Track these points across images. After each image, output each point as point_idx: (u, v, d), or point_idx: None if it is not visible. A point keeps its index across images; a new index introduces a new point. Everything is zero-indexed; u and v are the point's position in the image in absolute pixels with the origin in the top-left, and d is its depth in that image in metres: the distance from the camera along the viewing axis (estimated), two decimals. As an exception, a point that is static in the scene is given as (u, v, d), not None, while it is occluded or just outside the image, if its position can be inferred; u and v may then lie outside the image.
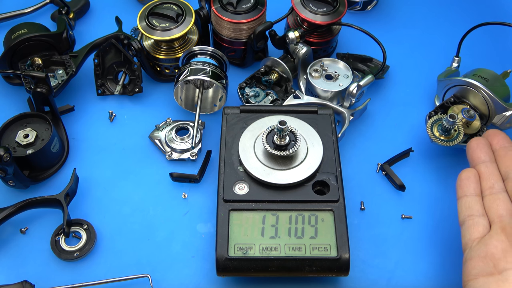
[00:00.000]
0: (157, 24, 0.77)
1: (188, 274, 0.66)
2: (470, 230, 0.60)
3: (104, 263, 0.67)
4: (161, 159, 0.76)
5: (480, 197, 0.63)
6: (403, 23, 0.92)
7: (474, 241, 0.59)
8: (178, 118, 0.79)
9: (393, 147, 0.76)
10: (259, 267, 0.60)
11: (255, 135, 0.69)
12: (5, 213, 0.67)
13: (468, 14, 0.93)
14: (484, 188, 0.63)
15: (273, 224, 0.62)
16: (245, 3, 0.79)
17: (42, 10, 0.91)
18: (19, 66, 0.78)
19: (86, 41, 0.81)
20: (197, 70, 0.74)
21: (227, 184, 0.65)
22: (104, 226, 0.70)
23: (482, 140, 0.66)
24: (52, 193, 0.69)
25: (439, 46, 0.89)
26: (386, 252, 0.68)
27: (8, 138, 0.71)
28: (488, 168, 0.64)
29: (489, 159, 0.65)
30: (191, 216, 0.71)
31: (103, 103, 0.81)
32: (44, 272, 0.66)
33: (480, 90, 0.73)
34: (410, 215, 0.71)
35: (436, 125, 0.72)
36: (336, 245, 0.61)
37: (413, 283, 0.66)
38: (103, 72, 0.80)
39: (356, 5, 0.92)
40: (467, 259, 0.58)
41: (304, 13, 0.79)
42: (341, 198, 0.64)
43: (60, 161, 0.74)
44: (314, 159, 0.66)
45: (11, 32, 0.79)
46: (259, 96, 0.78)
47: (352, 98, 0.75)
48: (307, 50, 0.78)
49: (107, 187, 0.73)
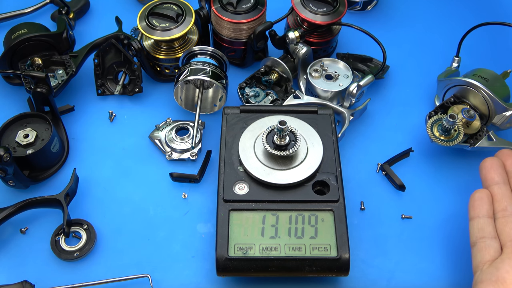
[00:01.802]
0: (157, 24, 0.77)
1: (188, 274, 0.66)
2: (481, 252, 0.60)
3: (104, 263, 0.67)
4: (161, 159, 0.76)
5: (492, 219, 0.62)
6: (403, 23, 0.92)
7: (485, 264, 0.59)
8: (178, 118, 0.79)
9: (393, 147, 0.76)
10: (259, 267, 0.60)
11: (255, 135, 0.69)
12: (5, 213, 0.67)
13: (468, 14, 0.93)
14: (497, 210, 0.62)
15: (273, 224, 0.62)
16: (245, 3, 0.79)
17: (42, 10, 0.91)
18: (19, 66, 0.78)
19: (86, 41, 0.81)
20: (197, 70, 0.74)
21: (227, 184, 0.65)
22: (104, 226, 0.70)
23: (496, 160, 0.65)
24: (52, 193, 0.69)
25: (439, 46, 0.89)
26: (386, 252, 0.68)
27: (8, 138, 0.71)
28: (501, 190, 0.63)
29: (502, 180, 0.64)
30: (191, 216, 0.71)
31: (103, 103, 0.81)
32: (44, 272, 0.66)
33: (480, 90, 0.73)
34: (410, 215, 0.71)
35: (436, 125, 0.72)
36: (336, 245, 0.61)
37: (413, 283, 0.66)
38: (103, 72, 0.80)
39: (356, 5, 0.92)
40: (477, 281, 0.58)
41: (304, 13, 0.79)
42: (341, 198, 0.64)
43: (60, 161, 0.74)
44: (314, 159, 0.66)
45: (11, 32, 0.79)
46: (259, 96, 0.78)
47: (352, 98, 0.75)
48: (307, 50, 0.78)
49: (107, 187, 0.73)
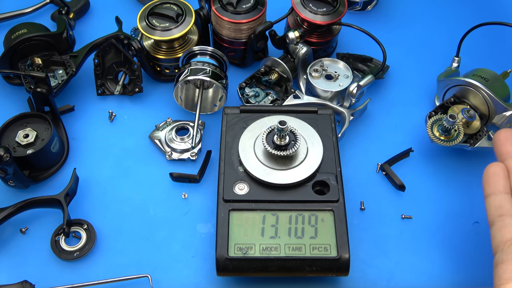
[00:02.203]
0: (157, 24, 0.77)
1: (188, 274, 0.66)
2: (501, 231, 0.56)
3: (104, 263, 0.67)
4: (161, 159, 0.76)
5: (510, 195, 0.58)
6: (403, 23, 0.92)
7: (505, 243, 0.56)
8: (178, 118, 0.79)
9: (393, 147, 0.76)
10: (259, 267, 0.60)
11: (255, 135, 0.69)
12: (5, 213, 0.67)
13: (468, 14, 0.93)
14: None
15: (273, 224, 0.62)
16: (245, 3, 0.79)
17: (42, 10, 0.91)
18: (19, 66, 0.78)
19: (86, 41, 0.81)
20: (197, 70, 0.74)
21: (227, 184, 0.65)
22: (104, 226, 0.70)
23: (511, 132, 0.61)
24: (52, 193, 0.69)
25: (439, 46, 0.89)
26: (386, 252, 0.68)
27: (8, 138, 0.71)
28: None
29: None
30: (191, 216, 0.71)
31: (103, 103, 0.81)
32: (44, 272, 0.66)
33: (480, 90, 0.73)
34: (410, 215, 0.71)
35: (436, 125, 0.72)
36: (336, 245, 0.61)
37: (413, 283, 0.66)
38: (103, 72, 0.80)
39: (356, 5, 0.92)
40: (498, 262, 0.55)
41: (304, 13, 0.79)
42: (341, 198, 0.64)
43: (60, 161, 0.74)
44: (314, 159, 0.66)
45: (11, 32, 0.79)
46: (259, 96, 0.78)
47: (352, 98, 0.75)
48: (307, 50, 0.78)
49: (107, 187, 0.73)
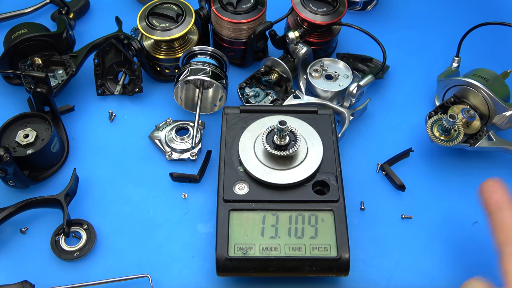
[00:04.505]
0: (157, 24, 0.77)
1: (188, 274, 0.66)
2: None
3: (104, 263, 0.67)
4: (161, 159, 0.76)
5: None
6: (403, 23, 0.92)
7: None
8: (178, 118, 0.79)
9: (393, 147, 0.76)
10: (259, 267, 0.60)
11: (255, 135, 0.69)
12: (5, 213, 0.67)
13: (468, 14, 0.93)
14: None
15: (273, 224, 0.62)
16: (245, 3, 0.79)
17: (42, 10, 0.91)
18: (19, 66, 0.78)
19: (86, 41, 0.81)
20: (197, 70, 0.74)
21: (227, 184, 0.65)
22: (104, 226, 0.70)
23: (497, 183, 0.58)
24: (52, 193, 0.69)
25: (439, 46, 0.89)
26: (386, 252, 0.68)
27: (8, 138, 0.71)
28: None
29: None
30: (191, 216, 0.71)
31: (103, 103, 0.81)
32: (44, 272, 0.66)
33: (480, 90, 0.73)
34: (410, 215, 0.71)
35: (436, 125, 0.72)
36: (336, 245, 0.61)
37: (413, 283, 0.66)
38: (103, 72, 0.80)
39: (356, 5, 0.92)
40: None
41: (304, 13, 0.79)
42: (341, 198, 0.64)
43: (60, 161, 0.74)
44: (314, 159, 0.66)
45: (11, 32, 0.79)
46: (259, 96, 0.78)
47: (352, 98, 0.75)
48: (307, 50, 0.78)
49: (107, 187, 0.73)
